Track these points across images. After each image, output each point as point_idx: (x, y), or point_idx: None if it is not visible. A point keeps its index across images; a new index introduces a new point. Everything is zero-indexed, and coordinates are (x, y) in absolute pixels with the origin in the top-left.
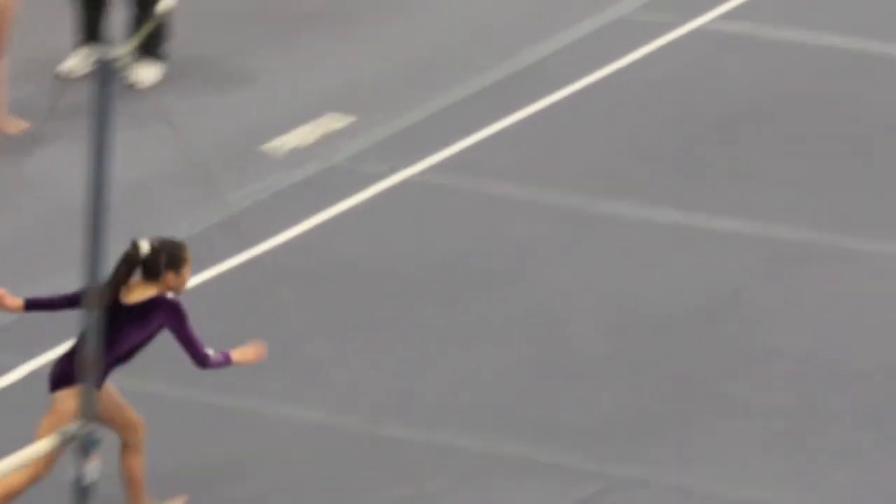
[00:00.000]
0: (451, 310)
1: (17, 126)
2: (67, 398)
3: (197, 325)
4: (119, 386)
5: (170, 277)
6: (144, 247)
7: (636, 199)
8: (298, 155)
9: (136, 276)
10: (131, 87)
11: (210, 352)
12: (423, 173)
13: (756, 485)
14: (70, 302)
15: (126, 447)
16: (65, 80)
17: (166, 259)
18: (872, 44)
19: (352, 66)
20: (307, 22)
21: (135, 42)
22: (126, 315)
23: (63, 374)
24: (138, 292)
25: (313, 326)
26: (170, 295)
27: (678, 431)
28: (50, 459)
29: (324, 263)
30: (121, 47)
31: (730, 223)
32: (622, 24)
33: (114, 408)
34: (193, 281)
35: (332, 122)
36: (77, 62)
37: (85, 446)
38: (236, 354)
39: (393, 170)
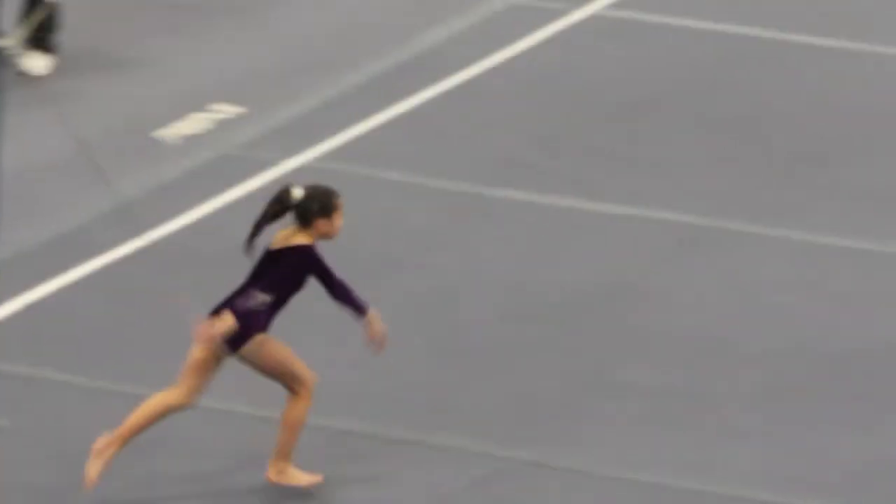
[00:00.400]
0: None
1: None
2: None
3: (90, 313)
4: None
5: (321, 224)
6: (297, 193)
7: (531, 186)
8: (191, 143)
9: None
10: (21, 76)
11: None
12: (316, 160)
13: (650, 465)
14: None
15: (293, 395)
16: None
17: (317, 206)
18: (766, 31)
19: (244, 55)
20: (199, 11)
21: (25, 31)
22: (275, 260)
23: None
24: (288, 238)
25: (207, 312)
26: (318, 241)
27: (572, 414)
28: (195, 389)
29: (218, 250)
30: (10, 36)
31: (623, 208)
32: (515, 10)
33: (277, 360)
34: (84, 271)
35: (225, 110)
36: None
37: None
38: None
39: (285, 156)
